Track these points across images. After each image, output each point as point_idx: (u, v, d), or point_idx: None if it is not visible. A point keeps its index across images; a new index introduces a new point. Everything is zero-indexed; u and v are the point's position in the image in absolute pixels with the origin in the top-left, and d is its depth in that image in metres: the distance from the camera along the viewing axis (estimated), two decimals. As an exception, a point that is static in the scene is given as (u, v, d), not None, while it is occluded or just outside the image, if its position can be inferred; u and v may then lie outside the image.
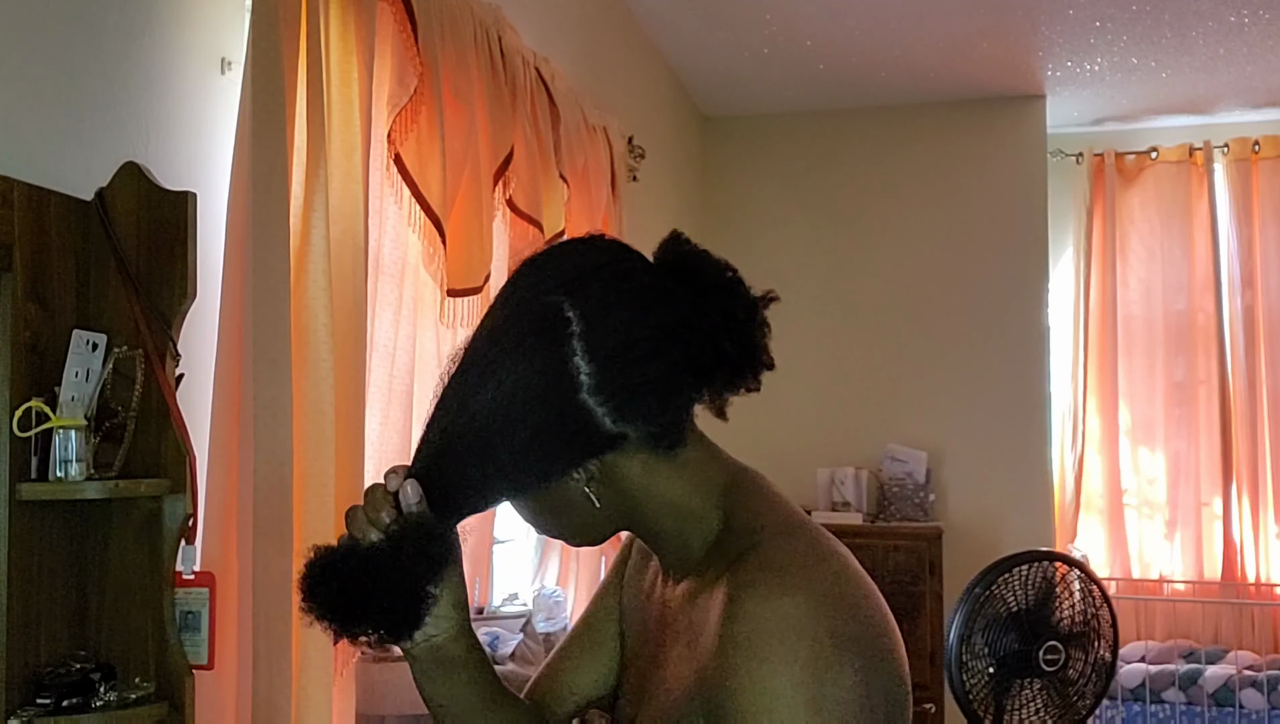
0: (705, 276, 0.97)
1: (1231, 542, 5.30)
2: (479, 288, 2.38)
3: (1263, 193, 5.40)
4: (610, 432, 0.92)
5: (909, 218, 5.04)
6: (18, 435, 1.43)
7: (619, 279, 0.95)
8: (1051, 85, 4.90)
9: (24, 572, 1.46)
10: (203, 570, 1.64)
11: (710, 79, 4.81)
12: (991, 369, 4.93)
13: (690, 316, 0.95)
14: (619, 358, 0.91)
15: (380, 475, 0.97)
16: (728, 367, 0.96)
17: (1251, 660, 4.94)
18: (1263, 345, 5.32)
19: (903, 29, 4.27)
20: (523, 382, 0.91)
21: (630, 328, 0.92)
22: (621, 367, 0.91)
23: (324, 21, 1.86)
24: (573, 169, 3.04)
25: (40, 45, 1.56)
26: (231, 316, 1.74)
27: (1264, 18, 4.13)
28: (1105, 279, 5.50)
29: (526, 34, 2.83)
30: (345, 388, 1.87)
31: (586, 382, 0.91)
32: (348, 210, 1.90)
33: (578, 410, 0.91)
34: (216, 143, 1.85)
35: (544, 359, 0.91)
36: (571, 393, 0.91)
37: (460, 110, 2.34)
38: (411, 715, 2.01)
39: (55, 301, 1.52)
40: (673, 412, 0.95)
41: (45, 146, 1.57)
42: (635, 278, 0.96)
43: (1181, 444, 5.44)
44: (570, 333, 0.91)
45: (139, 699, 1.52)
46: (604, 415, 0.91)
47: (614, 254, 0.98)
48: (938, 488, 4.93)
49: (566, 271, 0.95)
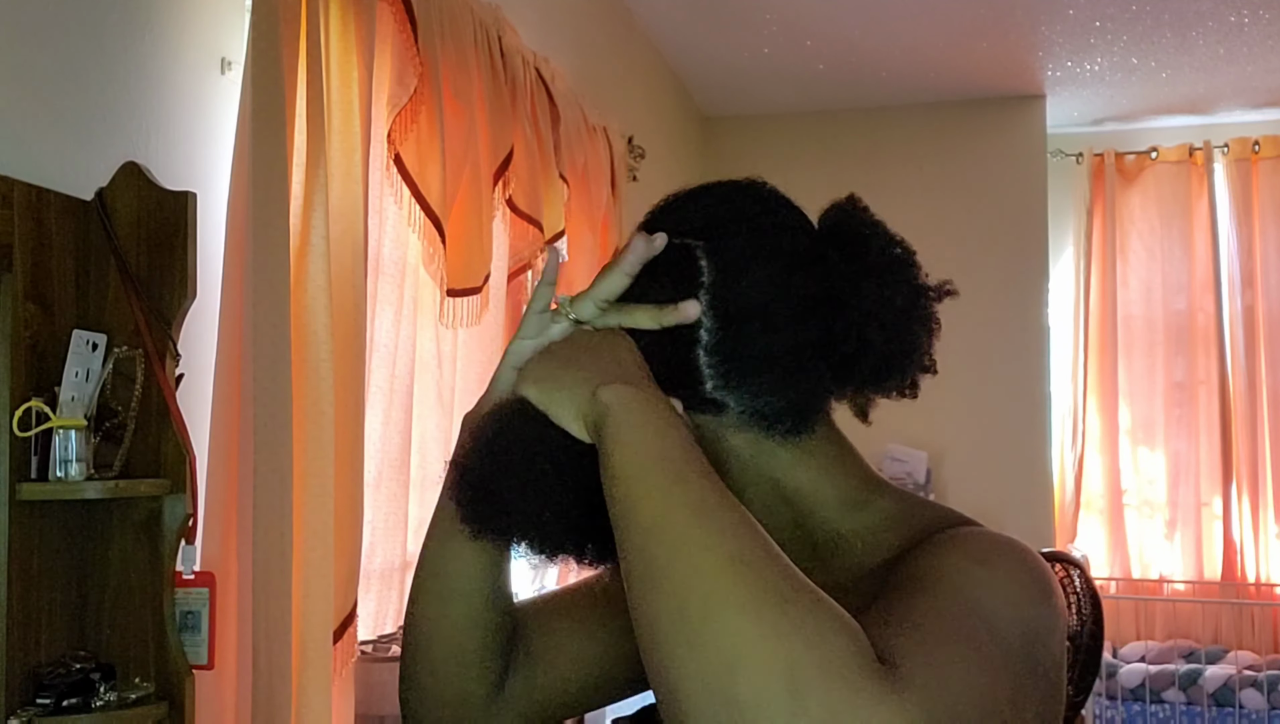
0: (869, 250, 0.86)
1: (1231, 542, 5.30)
2: (479, 288, 2.38)
3: (1263, 193, 5.40)
4: (707, 396, 0.83)
5: (909, 218, 4.97)
6: (18, 435, 1.43)
7: (765, 233, 0.85)
8: (1051, 85, 4.90)
9: (24, 572, 1.46)
10: (203, 570, 1.64)
11: (710, 79, 4.81)
12: (991, 369, 4.93)
13: (840, 294, 0.84)
14: (744, 321, 0.82)
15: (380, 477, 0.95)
16: (873, 360, 0.85)
17: (1251, 660, 4.94)
18: (1263, 345, 5.32)
19: (903, 29, 4.27)
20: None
21: (765, 290, 0.82)
22: (744, 332, 0.82)
23: (324, 21, 1.86)
24: (573, 169, 3.04)
25: (40, 45, 1.56)
26: (231, 317, 1.74)
27: (1264, 18, 4.13)
28: (1105, 279, 5.50)
29: (526, 34, 2.83)
30: (345, 388, 1.87)
31: (705, 338, 0.82)
32: (348, 210, 1.90)
33: (687, 365, 0.83)
34: (216, 143, 1.85)
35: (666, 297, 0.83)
36: (688, 347, 0.83)
37: (460, 110, 2.34)
38: (411, 715, 2.01)
39: (55, 301, 1.52)
40: (794, 394, 0.84)
41: (45, 146, 1.57)
42: (785, 236, 0.86)
43: (1181, 444, 5.44)
44: (700, 283, 0.83)
45: (139, 699, 1.52)
46: (709, 377, 0.82)
47: (768, 205, 0.88)
48: (938, 488, 4.93)
49: (712, 214, 0.87)
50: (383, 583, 2.26)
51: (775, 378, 0.83)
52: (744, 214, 0.86)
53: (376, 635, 2.18)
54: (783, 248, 0.85)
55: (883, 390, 0.88)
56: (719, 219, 0.86)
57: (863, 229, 0.88)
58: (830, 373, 0.85)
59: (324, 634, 1.77)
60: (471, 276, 2.36)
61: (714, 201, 0.88)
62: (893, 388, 0.88)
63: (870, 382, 0.87)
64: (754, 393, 0.83)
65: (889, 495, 0.89)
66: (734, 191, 0.89)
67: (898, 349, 0.86)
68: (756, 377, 0.83)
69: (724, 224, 0.85)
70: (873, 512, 0.86)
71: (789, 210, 0.89)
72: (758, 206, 0.88)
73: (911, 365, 0.88)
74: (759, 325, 0.82)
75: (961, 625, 0.69)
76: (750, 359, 0.82)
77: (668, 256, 0.84)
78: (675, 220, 0.87)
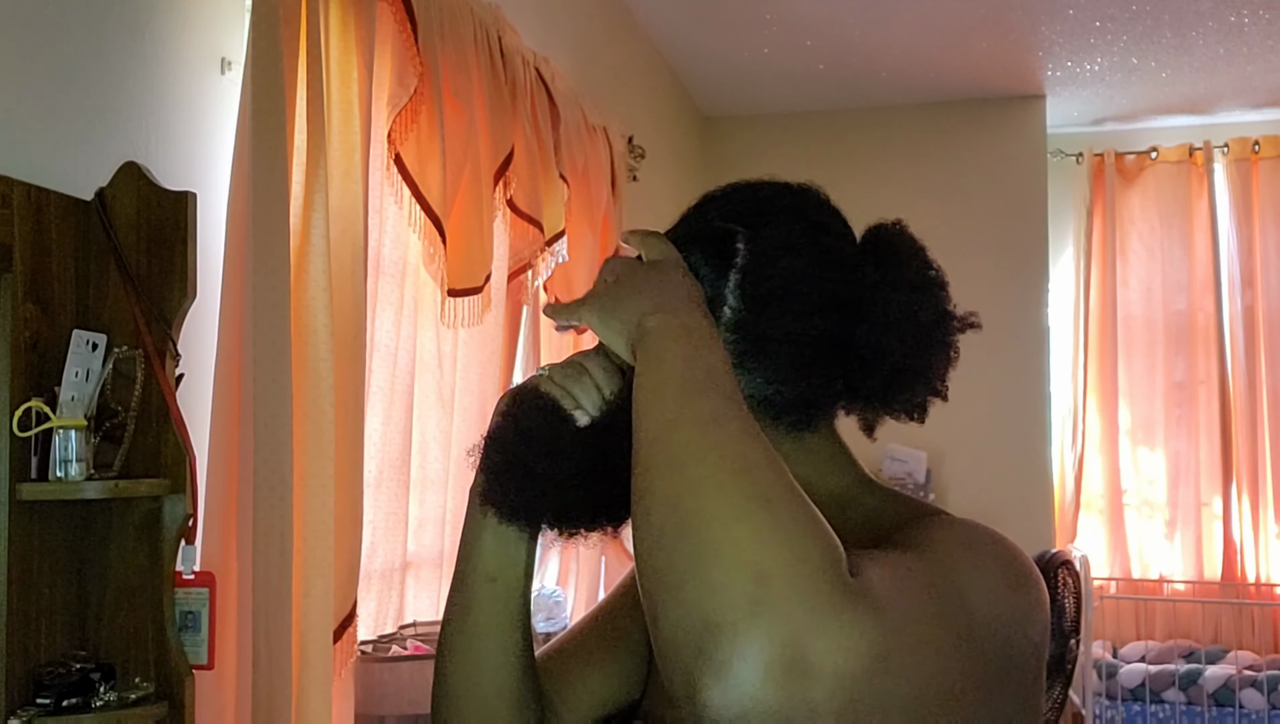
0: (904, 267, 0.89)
1: (1231, 542, 5.30)
2: (479, 288, 2.38)
3: (1263, 193, 5.40)
4: None
5: (909, 218, 4.93)
6: (18, 435, 1.43)
7: (805, 229, 0.88)
8: (1051, 85, 4.90)
9: (24, 572, 1.46)
10: (203, 570, 1.64)
11: (710, 79, 4.81)
12: (991, 369, 4.92)
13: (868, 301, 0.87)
14: (767, 306, 0.85)
15: (380, 477, 0.95)
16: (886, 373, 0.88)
17: (1251, 660, 4.94)
18: (1263, 345, 5.32)
19: (903, 29, 4.27)
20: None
21: (794, 279, 0.86)
22: (766, 314, 0.85)
23: (324, 21, 1.86)
24: (573, 169, 3.04)
25: (40, 45, 1.56)
26: (231, 317, 1.74)
27: (1264, 18, 4.13)
28: (1105, 279, 5.50)
29: (526, 34, 2.83)
30: (345, 388, 1.87)
31: (729, 315, 0.86)
32: (348, 210, 1.90)
33: None
34: (216, 143, 1.85)
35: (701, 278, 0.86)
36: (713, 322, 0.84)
37: (460, 110, 2.34)
38: (411, 715, 2.01)
39: (55, 301, 1.52)
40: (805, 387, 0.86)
41: (45, 146, 1.57)
42: (824, 236, 0.89)
43: (1181, 444, 5.44)
44: (734, 264, 0.86)
45: (139, 699, 1.52)
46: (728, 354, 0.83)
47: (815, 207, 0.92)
48: (938, 488, 4.93)
49: (755, 205, 0.90)
50: (383, 583, 2.26)
51: (790, 366, 0.86)
52: (790, 209, 0.90)
53: (376, 635, 2.18)
54: (819, 245, 0.88)
55: (891, 406, 0.91)
56: (765, 210, 0.90)
57: (904, 247, 0.91)
58: (843, 377, 0.88)
59: (324, 634, 1.77)
60: (472, 276, 2.36)
61: (765, 195, 0.92)
62: (901, 406, 0.90)
63: (880, 395, 0.90)
64: (767, 378, 0.86)
65: (879, 494, 0.91)
66: (786, 190, 0.93)
67: (912, 366, 0.88)
68: (773, 361, 0.85)
69: (767, 214, 0.89)
70: (863, 508, 0.89)
71: (835, 217, 0.92)
72: (805, 205, 0.91)
73: (923, 386, 0.90)
74: (783, 311, 0.85)
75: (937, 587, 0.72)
76: (770, 341, 0.85)
77: (709, 236, 0.88)
78: (728, 206, 0.91)
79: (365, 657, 2.05)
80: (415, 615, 2.36)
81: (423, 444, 2.40)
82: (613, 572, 3.37)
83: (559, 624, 2.84)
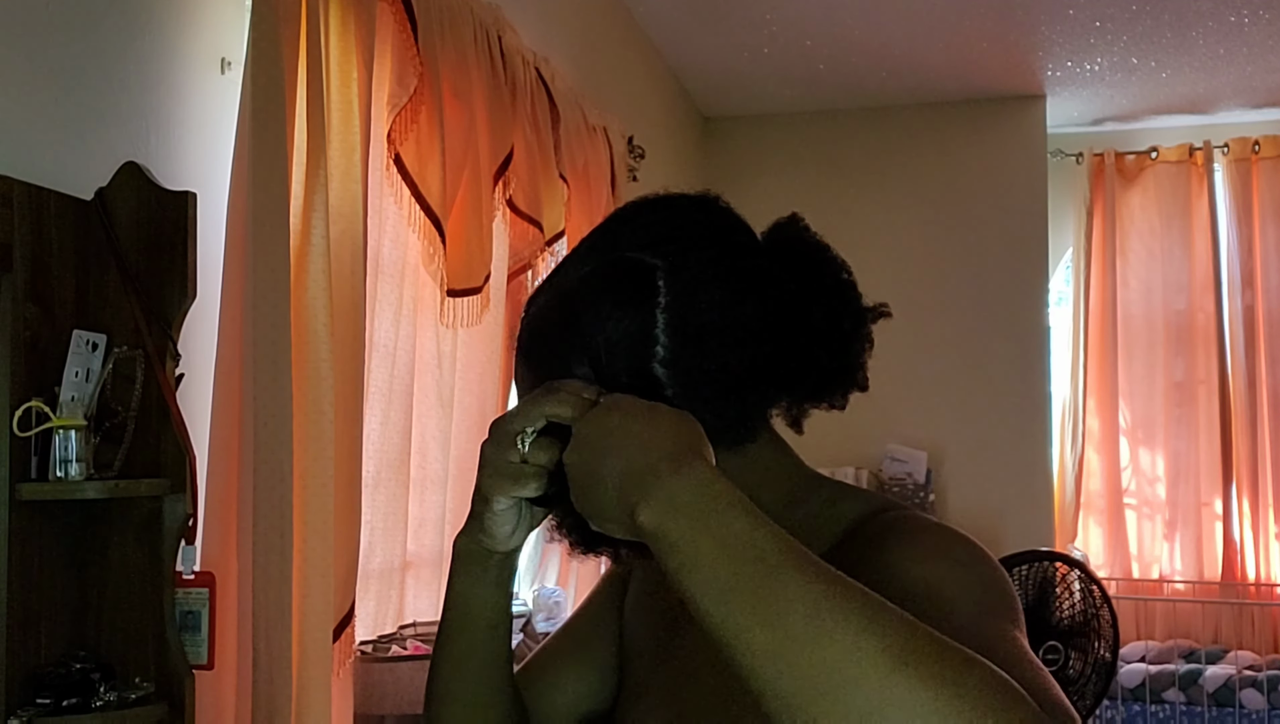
0: (819, 273, 0.90)
1: (1231, 542, 5.30)
2: (479, 288, 2.38)
3: (1263, 193, 5.40)
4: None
5: (909, 218, 5.04)
6: (18, 435, 1.43)
7: (722, 255, 0.87)
8: (1051, 85, 4.90)
9: (24, 572, 1.46)
10: (203, 570, 1.65)
11: (710, 79, 4.81)
12: (991, 369, 4.93)
13: (790, 314, 0.87)
14: (700, 341, 0.85)
15: (379, 477, 0.95)
16: (817, 378, 0.89)
17: (1251, 660, 4.94)
18: (1263, 345, 5.32)
19: (903, 29, 4.27)
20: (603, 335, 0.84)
21: (721, 311, 0.85)
22: (700, 350, 0.85)
23: (324, 21, 1.86)
24: (573, 169, 3.04)
25: (40, 45, 1.56)
26: (231, 317, 1.74)
27: (1264, 18, 4.13)
28: (1105, 279, 5.50)
29: (526, 34, 2.83)
30: (345, 388, 1.87)
31: (661, 353, 0.84)
32: (348, 210, 1.90)
33: (648, 377, 0.84)
34: (216, 143, 1.85)
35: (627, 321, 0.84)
36: (646, 360, 0.84)
37: (460, 110, 2.34)
38: (411, 715, 2.01)
39: (55, 301, 1.52)
40: (742, 406, 0.87)
41: (45, 146, 1.57)
42: (740, 258, 0.88)
43: (1181, 444, 5.43)
44: (657, 303, 0.85)
45: (139, 699, 1.52)
46: (669, 390, 0.84)
47: (721, 223, 0.91)
48: (938, 488, 4.93)
49: (667, 231, 0.89)
50: (382, 583, 2.26)
51: (727, 392, 0.86)
52: (701, 234, 0.89)
53: (376, 635, 2.18)
54: (738, 270, 0.87)
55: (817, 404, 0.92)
56: (677, 237, 0.88)
57: (812, 252, 0.92)
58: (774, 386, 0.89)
59: (324, 634, 1.77)
60: (472, 276, 2.36)
61: (672, 218, 0.90)
62: (828, 402, 0.92)
63: (810, 397, 0.91)
64: (707, 407, 0.84)
65: (825, 487, 0.93)
66: (691, 208, 0.92)
67: (840, 367, 0.91)
68: (710, 390, 0.85)
69: (681, 243, 0.88)
70: (811, 504, 0.91)
71: (742, 230, 0.92)
72: (714, 226, 0.90)
73: (851, 383, 0.92)
74: (713, 344, 0.85)
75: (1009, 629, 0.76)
76: (703, 374, 0.85)
77: (625, 272, 0.87)
78: (634, 234, 0.90)
79: (365, 656, 2.05)
80: (415, 615, 2.36)
81: (422, 444, 2.40)
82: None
83: (558, 624, 2.84)
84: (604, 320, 0.85)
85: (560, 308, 0.88)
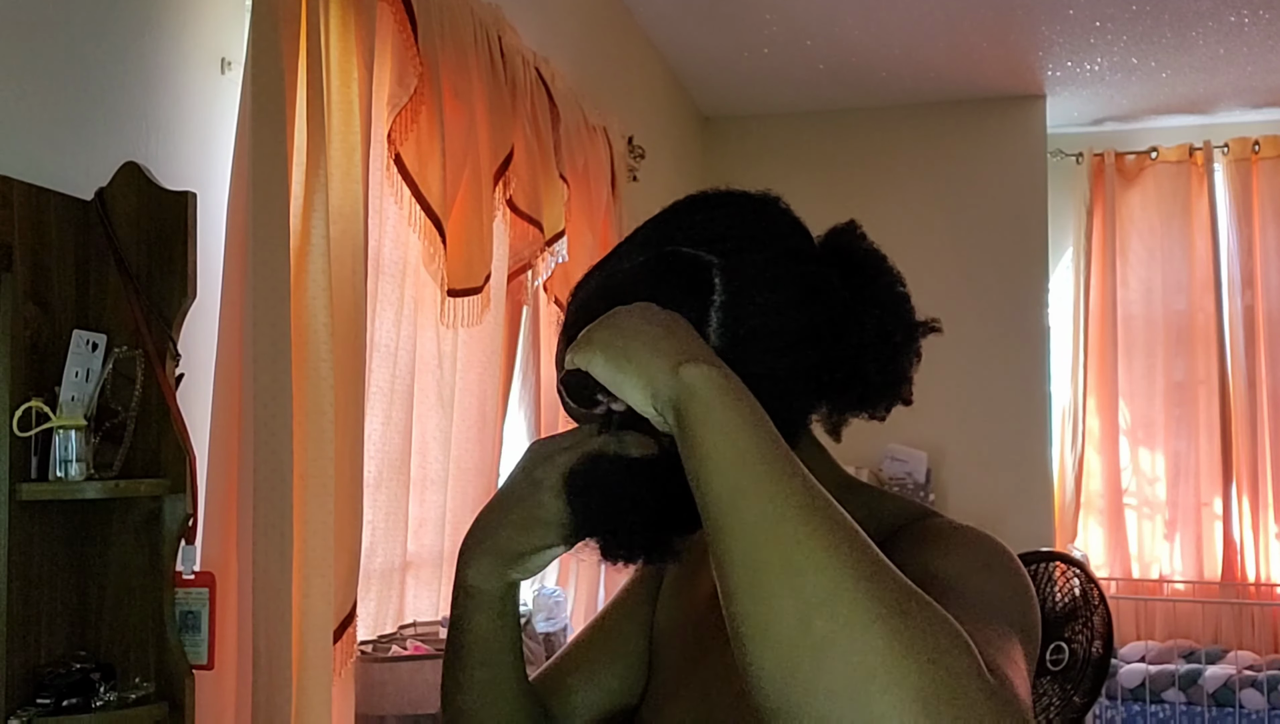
0: (873, 284, 0.89)
1: (1231, 542, 5.30)
2: (479, 288, 2.38)
3: (1263, 193, 5.40)
4: None
5: (909, 218, 5.03)
6: (18, 435, 1.43)
7: (779, 258, 0.86)
8: (1051, 85, 4.90)
9: (24, 572, 1.46)
10: (203, 570, 1.64)
11: (710, 79, 4.81)
12: (991, 369, 4.93)
13: (841, 324, 0.86)
14: (750, 343, 0.83)
15: (380, 477, 0.95)
16: (862, 389, 0.88)
17: (1251, 660, 4.94)
18: (1263, 345, 5.32)
19: (902, 29, 4.27)
20: None
21: (774, 315, 0.84)
22: (749, 352, 0.83)
23: (324, 21, 1.86)
24: (573, 169, 3.04)
25: (40, 45, 1.56)
26: (231, 317, 1.74)
27: (1264, 18, 4.13)
28: (1105, 279, 5.50)
29: (526, 34, 2.83)
30: (345, 388, 1.87)
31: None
32: (348, 210, 1.90)
33: None
34: (216, 143, 1.85)
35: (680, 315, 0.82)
36: None
37: (460, 110, 2.34)
38: (411, 715, 2.01)
39: (55, 301, 1.52)
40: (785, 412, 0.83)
41: (45, 146, 1.57)
42: (796, 262, 0.87)
43: (1181, 444, 5.43)
44: (711, 301, 0.84)
45: (139, 699, 1.52)
46: None
47: (780, 224, 0.89)
48: (938, 488, 4.93)
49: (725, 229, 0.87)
50: (383, 583, 2.26)
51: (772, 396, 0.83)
52: (759, 234, 0.87)
53: (376, 635, 2.18)
54: (793, 274, 0.86)
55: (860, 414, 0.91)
56: (735, 236, 0.87)
57: (867, 260, 0.90)
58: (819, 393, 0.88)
59: (324, 634, 1.77)
60: (472, 276, 2.36)
61: (731, 216, 0.89)
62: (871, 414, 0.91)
63: (853, 407, 0.90)
64: None
65: (862, 493, 0.92)
66: (750, 207, 0.90)
67: (888, 381, 0.89)
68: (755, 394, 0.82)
69: (739, 242, 0.86)
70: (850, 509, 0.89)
71: (799, 233, 0.90)
72: (772, 227, 0.89)
73: (896, 396, 0.91)
74: (763, 347, 0.83)
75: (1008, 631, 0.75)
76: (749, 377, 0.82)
77: (683, 268, 0.85)
78: (692, 229, 0.88)
79: (365, 657, 2.05)
80: (415, 615, 2.36)
81: (423, 444, 2.40)
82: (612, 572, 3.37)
83: (559, 624, 2.84)
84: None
85: (611, 296, 0.85)
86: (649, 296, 0.83)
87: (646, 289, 0.84)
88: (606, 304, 0.84)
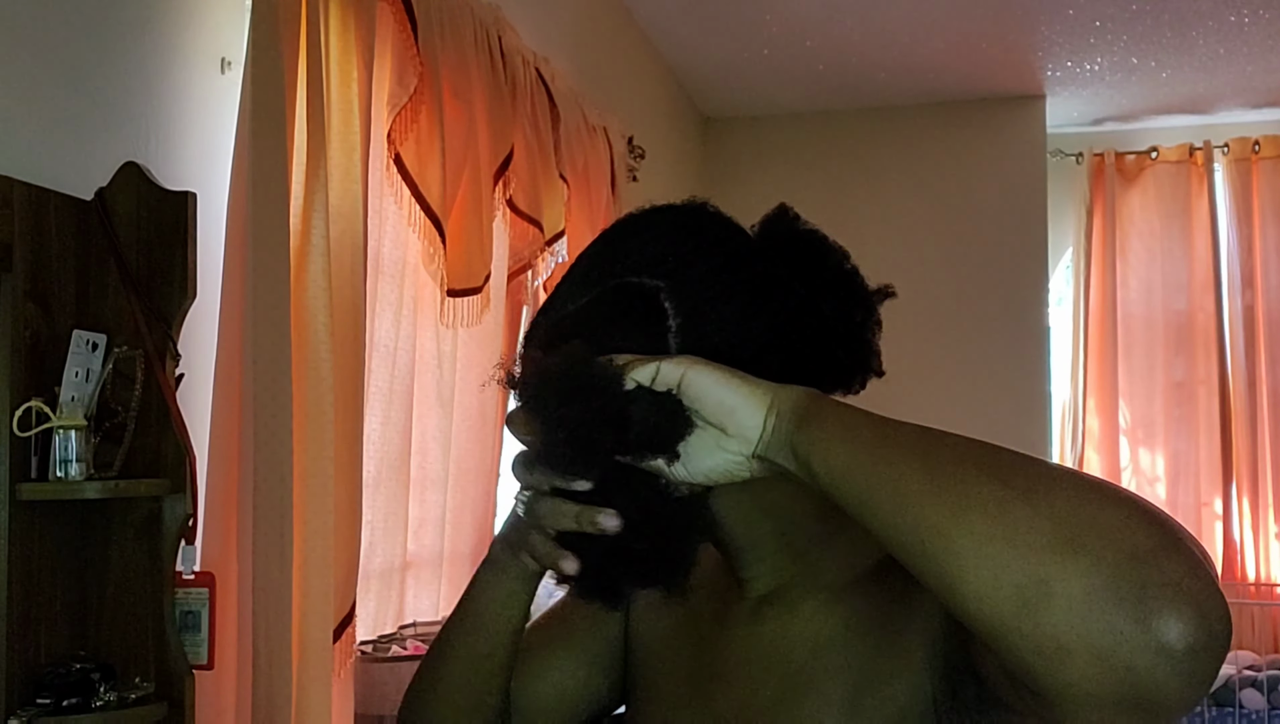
0: (821, 266, 0.88)
1: (1231, 541, 5.30)
2: (479, 288, 2.38)
3: (1263, 193, 5.40)
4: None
5: (909, 218, 5.03)
6: (18, 435, 1.43)
7: (724, 267, 0.84)
8: (1051, 85, 4.90)
9: (24, 572, 1.46)
10: (203, 570, 1.65)
11: (710, 79, 4.81)
12: (991, 369, 4.92)
13: (800, 316, 0.85)
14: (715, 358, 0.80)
15: (380, 477, 0.95)
16: (835, 371, 0.87)
17: (1251, 660, 4.94)
18: (1263, 345, 5.32)
19: (903, 29, 4.27)
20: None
21: (734, 327, 0.82)
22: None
23: (324, 21, 1.86)
24: (573, 169, 3.04)
25: (40, 45, 1.56)
26: (231, 317, 1.74)
27: (1264, 18, 4.13)
28: (1105, 279, 5.49)
29: (526, 34, 2.83)
30: (345, 388, 1.87)
31: None
32: (348, 210, 1.90)
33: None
34: (216, 143, 1.85)
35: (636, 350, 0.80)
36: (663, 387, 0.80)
37: (460, 110, 2.34)
38: (411, 715, 2.01)
39: (55, 301, 1.52)
40: None
41: (45, 146, 1.57)
42: (742, 265, 0.85)
43: (1181, 444, 5.43)
44: (667, 327, 0.82)
45: (139, 699, 1.52)
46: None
47: (715, 231, 0.87)
48: (938, 488, 4.92)
49: (663, 249, 0.85)
50: (382, 583, 2.26)
51: None
52: (699, 247, 0.85)
53: (376, 635, 2.18)
54: (742, 280, 0.84)
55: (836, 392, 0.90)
56: (674, 254, 0.84)
57: (810, 244, 0.89)
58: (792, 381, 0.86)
59: (324, 634, 1.77)
60: (472, 276, 2.36)
61: (666, 234, 0.86)
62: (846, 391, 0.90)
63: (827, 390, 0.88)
64: None
65: None
66: (682, 221, 0.88)
67: (858, 357, 0.89)
68: None
69: (680, 259, 0.84)
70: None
71: (737, 234, 0.88)
72: (709, 236, 0.86)
73: (869, 371, 0.90)
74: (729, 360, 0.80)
75: None
76: None
77: (630, 299, 0.83)
78: (629, 256, 0.86)
79: (365, 656, 2.05)
80: (415, 615, 2.36)
81: (422, 444, 2.40)
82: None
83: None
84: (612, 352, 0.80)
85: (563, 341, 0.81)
86: (602, 335, 0.81)
87: (600, 327, 0.82)
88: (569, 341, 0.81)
